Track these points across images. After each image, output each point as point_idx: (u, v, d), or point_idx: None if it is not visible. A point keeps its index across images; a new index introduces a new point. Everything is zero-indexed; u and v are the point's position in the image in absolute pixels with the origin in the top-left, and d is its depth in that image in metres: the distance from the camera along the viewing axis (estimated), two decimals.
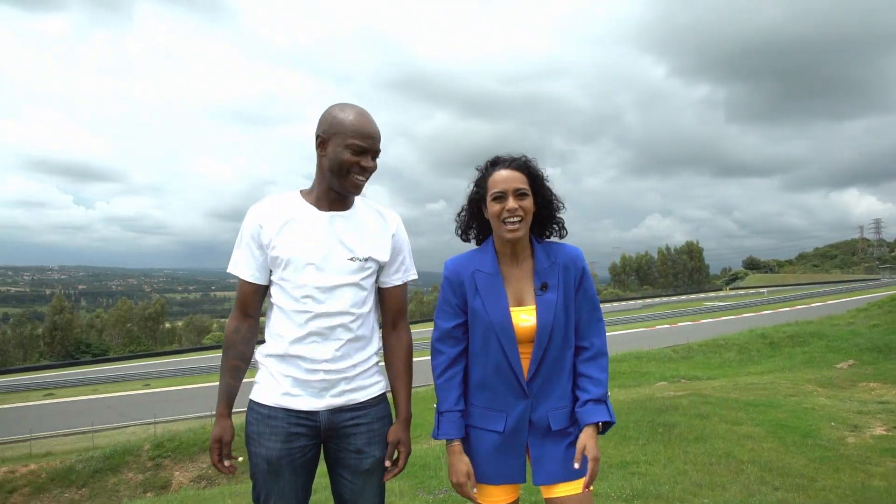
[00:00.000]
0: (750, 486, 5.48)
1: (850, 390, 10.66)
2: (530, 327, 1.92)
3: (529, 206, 1.94)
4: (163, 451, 15.49)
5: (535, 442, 1.95)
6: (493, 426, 1.95)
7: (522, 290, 1.98)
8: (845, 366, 13.49)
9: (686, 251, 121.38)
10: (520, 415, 1.94)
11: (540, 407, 1.94)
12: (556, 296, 1.94)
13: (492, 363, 1.94)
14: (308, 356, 1.87)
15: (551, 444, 1.94)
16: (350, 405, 1.92)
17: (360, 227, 1.96)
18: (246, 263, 1.95)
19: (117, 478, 14.88)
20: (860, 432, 7.58)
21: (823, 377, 11.97)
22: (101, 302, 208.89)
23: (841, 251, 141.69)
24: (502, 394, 1.94)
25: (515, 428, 1.94)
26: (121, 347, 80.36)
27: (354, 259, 1.91)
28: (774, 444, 7.04)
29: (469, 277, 1.99)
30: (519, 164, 1.97)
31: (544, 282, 1.96)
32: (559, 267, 1.98)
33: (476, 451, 1.99)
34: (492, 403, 1.96)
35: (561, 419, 1.95)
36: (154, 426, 21.31)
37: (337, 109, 1.91)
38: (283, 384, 1.89)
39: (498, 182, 1.93)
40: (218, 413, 1.94)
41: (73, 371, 50.41)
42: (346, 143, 1.87)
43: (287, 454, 1.87)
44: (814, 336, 16.76)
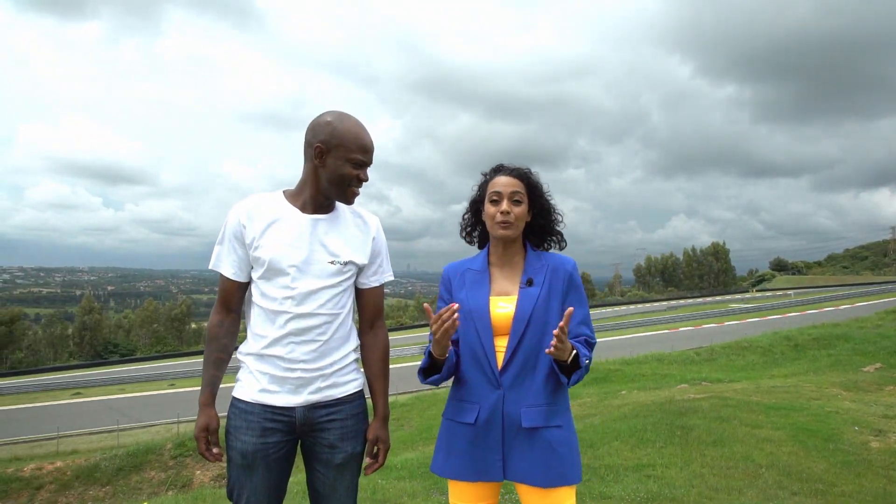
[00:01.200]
0: (767, 490, 5.38)
1: (876, 394, 10.43)
2: (507, 314, 1.96)
3: (523, 212, 2.03)
4: (185, 450, 15.72)
5: (507, 437, 1.94)
6: (466, 418, 1.97)
7: (508, 285, 2.04)
8: (872, 369, 13.19)
9: (712, 252, 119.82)
10: (492, 406, 1.93)
11: (513, 401, 1.93)
12: (540, 290, 1.99)
13: (468, 351, 1.99)
14: (286, 356, 1.91)
15: (522, 442, 1.92)
16: (326, 401, 1.95)
17: (343, 231, 2.00)
18: (228, 261, 1.99)
19: (140, 476, 15.12)
20: (885, 437, 7.40)
21: (849, 380, 11.72)
22: (129, 303, 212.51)
23: (872, 252, 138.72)
24: (476, 384, 1.97)
25: (488, 420, 1.93)
26: (147, 347, 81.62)
27: (335, 262, 1.95)
28: (795, 448, 6.91)
29: (459, 275, 2.10)
30: (519, 172, 2.06)
31: (530, 277, 2.02)
32: (548, 269, 2.04)
33: (450, 444, 2.01)
34: (467, 395, 1.99)
35: (534, 417, 1.92)
36: (177, 425, 21.61)
37: (336, 120, 1.93)
38: (261, 381, 1.93)
39: (496, 185, 2.03)
40: (202, 403, 1.99)
41: (101, 371, 51.29)
42: (347, 157, 1.91)
43: (261, 449, 1.90)
44: (840, 339, 16.41)
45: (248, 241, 1.95)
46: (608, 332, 41.67)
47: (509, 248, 2.08)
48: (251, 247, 1.94)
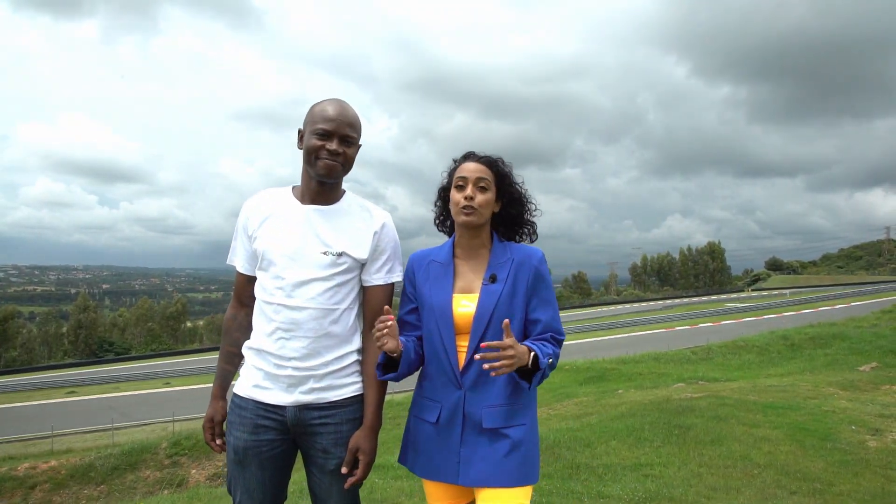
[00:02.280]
0: (765, 490, 5.37)
1: (872, 393, 10.44)
2: (468, 313, 1.91)
3: (488, 199, 1.97)
4: (180, 448, 15.67)
5: (467, 439, 1.88)
6: (428, 416, 1.93)
7: (472, 281, 1.98)
8: (868, 368, 13.22)
9: (708, 252, 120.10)
10: (453, 406, 1.89)
11: (474, 402, 1.88)
12: (503, 287, 1.92)
13: (431, 349, 1.94)
14: (276, 352, 1.87)
15: (483, 443, 1.86)
16: (318, 403, 1.89)
17: (340, 222, 1.95)
18: (239, 255, 2.02)
19: (135, 475, 15.07)
20: (882, 436, 7.41)
21: (845, 380, 11.74)
22: (124, 301, 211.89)
23: (866, 252, 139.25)
24: (439, 383, 1.92)
25: (449, 420, 1.89)
26: (142, 346, 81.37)
27: (328, 253, 1.90)
28: (792, 448, 6.91)
29: (424, 268, 2.03)
30: (488, 160, 2.00)
31: (493, 273, 1.95)
32: (513, 263, 1.97)
33: (415, 441, 1.99)
34: (430, 393, 1.95)
35: (495, 417, 1.87)
36: (173, 424, 21.53)
37: (315, 104, 1.95)
38: (255, 376, 1.90)
39: (462, 171, 1.98)
40: (212, 394, 1.99)
41: (96, 369, 51.13)
42: (313, 130, 1.89)
43: (254, 446, 1.88)
44: (836, 338, 16.46)
45: (250, 233, 1.96)
46: (604, 331, 41.77)
47: (475, 238, 2.01)
48: (252, 239, 1.96)
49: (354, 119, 1.93)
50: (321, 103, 1.93)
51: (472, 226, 1.96)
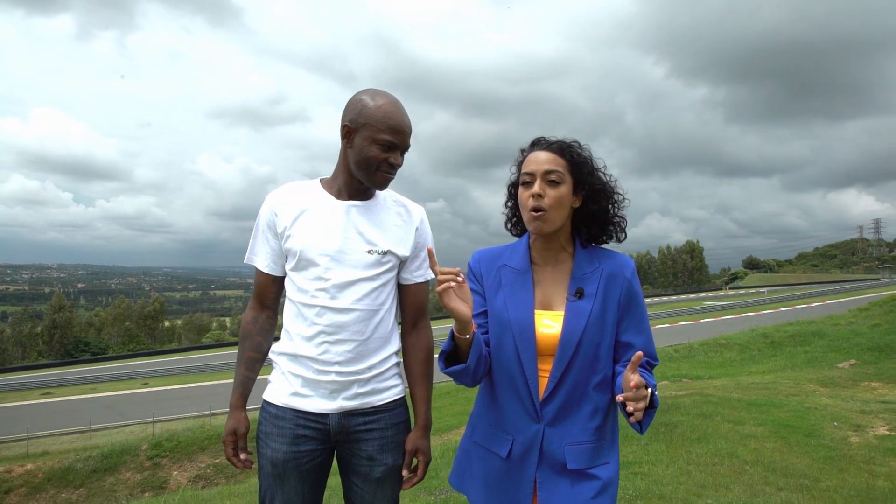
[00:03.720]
0: (753, 486, 5.42)
1: (851, 390, 10.62)
2: (553, 335, 1.63)
3: (561, 195, 1.64)
4: (161, 450, 15.46)
5: (544, 480, 1.62)
6: (498, 450, 1.68)
7: (553, 295, 1.69)
8: (847, 365, 13.44)
9: (687, 251, 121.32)
10: (528, 441, 1.64)
11: (555, 437, 1.62)
12: (592, 306, 1.64)
13: (504, 373, 1.67)
14: (318, 357, 1.75)
15: (566, 485, 1.61)
16: (363, 409, 1.79)
17: (381, 219, 1.84)
18: (262, 253, 1.86)
19: (115, 478, 14.83)
20: (863, 432, 7.53)
21: (825, 377, 11.92)
22: (100, 300, 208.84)
23: (840, 251, 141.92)
24: (512, 413, 1.66)
25: (522, 456, 1.64)
26: (119, 346, 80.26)
27: (373, 252, 1.80)
28: (778, 444, 6.99)
29: (494, 272, 1.75)
30: (560, 146, 1.68)
31: (580, 287, 1.66)
32: (602, 275, 1.68)
33: (477, 473, 1.74)
34: (499, 424, 1.69)
35: (580, 457, 1.61)
36: (153, 426, 21.26)
37: (367, 97, 1.77)
38: (293, 384, 1.78)
39: (529, 164, 1.68)
40: (232, 405, 1.84)
41: (72, 370, 50.33)
42: (374, 138, 1.73)
43: (293, 457, 1.76)
44: (815, 336, 16.70)
45: (280, 230, 1.81)
46: None
47: (553, 241, 1.71)
48: (283, 237, 1.81)
49: (411, 125, 1.81)
50: (383, 104, 1.75)
51: (543, 232, 1.67)
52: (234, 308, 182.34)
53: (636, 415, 1.43)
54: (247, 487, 6.55)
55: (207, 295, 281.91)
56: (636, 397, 1.42)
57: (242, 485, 7.25)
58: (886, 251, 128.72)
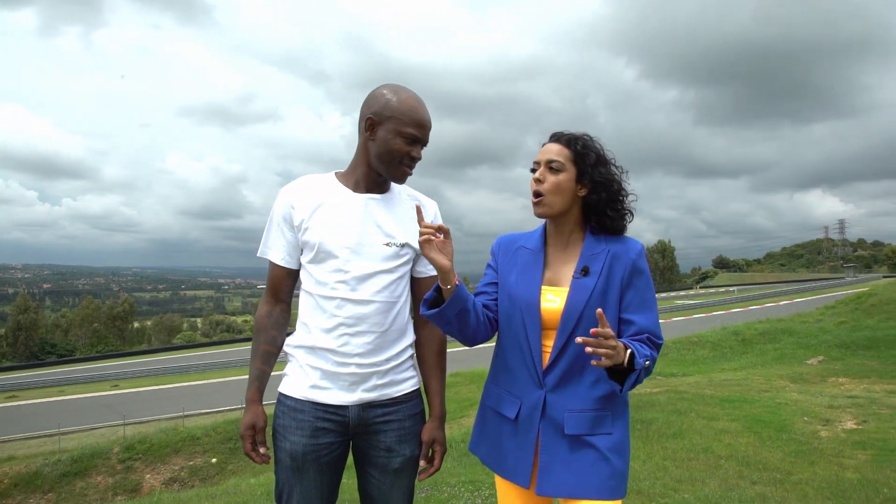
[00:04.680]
0: (728, 480, 5.54)
1: (820, 385, 10.88)
2: (555, 309, 1.73)
3: (559, 182, 1.75)
4: (133, 453, 15.21)
5: (545, 442, 1.72)
6: (506, 411, 1.80)
7: (560, 273, 1.80)
8: (815, 362, 13.76)
9: (659, 250, 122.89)
10: (532, 405, 1.74)
11: (556, 404, 1.72)
12: (596, 282, 1.73)
13: (514, 344, 1.79)
14: (339, 349, 1.77)
15: (563, 450, 1.70)
16: (382, 400, 1.82)
17: (398, 212, 1.87)
18: (277, 246, 1.86)
19: (85, 482, 14.56)
20: (832, 426, 7.73)
21: (795, 373, 12.20)
22: (66, 301, 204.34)
23: (807, 251, 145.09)
24: (520, 379, 1.78)
25: (527, 419, 1.74)
26: (87, 348, 78.66)
27: (391, 244, 1.82)
28: (751, 439, 7.14)
29: (511, 253, 1.87)
30: (568, 138, 1.78)
31: (586, 265, 1.75)
32: (608, 255, 1.76)
33: (490, 432, 1.86)
34: (509, 386, 1.81)
35: (578, 423, 1.70)
36: (124, 428, 20.86)
37: (390, 92, 1.80)
38: (311, 376, 1.79)
39: (538, 155, 1.80)
40: (249, 399, 1.83)
41: (38, 372, 49.16)
42: (399, 131, 1.77)
43: (313, 450, 1.77)
44: (784, 333, 17.07)
45: (297, 223, 1.82)
46: None
47: (563, 225, 1.82)
48: (300, 230, 1.82)
49: (431, 121, 1.86)
50: (407, 99, 1.79)
51: (544, 216, 1.79)
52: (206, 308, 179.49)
53: (602, 360, 1.50)
54: (224, 489, 6.50)
55: (178, 295, 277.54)
56: (597, 343, 1.49)
57: (219, 486, 7.18)
58: (850, 251, 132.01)
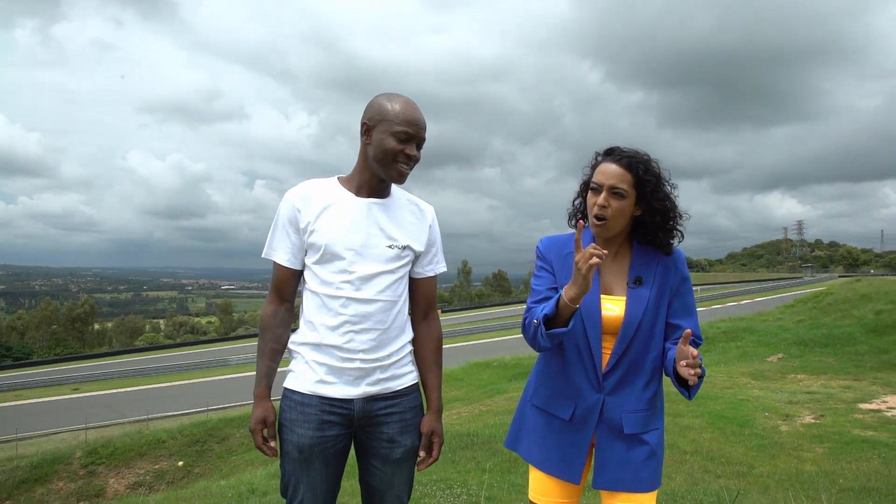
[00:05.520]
0: (694, 474, 5.69)
1: (780, 382, 11.20)
2: (615, 317, 1.84)
3: (622, 208, 1.83)
4: (96, 457, 14.89)
5: (602, 442, 1.85)
6: (561, 413, 1.89)
7: (613, 282, 1.90)
8: (775, 359, 14.14)
9: None
10: (590, 407, 1.85)
11: (614, 405, 1.84)
12: (650, 292, 1.85)
13: (573, 348, 1.87)
14: (344, 346, 1.86)
15: (621, 448, 1.84)
16: (384, 394, 1.91)
17: (399, 216, 1.96)
18: (283, 248, 1.92)
19: (46, 488, 14.20)
20: (791, 421, 7.99)
21: (756, 370, 12.53)
22: (22, 303, 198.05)
23: (767, 251, 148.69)
24: (576, 382, 1.87)
25: (583, 419, 1.86)
26: (45, 350, 76.44)
27: (394, 247, 1.91)
28: (714, 435, 7.34)
29: (562, 258, 1.93)
30: (630, 162, 1.83)
31: (639, 276, 1.87)
32: (659, 265, 1.89)
33: (535, 431, 1.95)
34: (565, 389, 1.90)
35: (635, 423, 1.84)
36: (85, 432, 20.38)
37: (384, 98, 1.90)
38: (317, 372, 1.87)
39: (599, 173, 1.85)
40: (258, 396, 1.90)
41: None
42: (392, 131, 1.85)
43: (319, 442, 1.85)
44: (746, 331, 17.48)
45: (303, 225, 1.89)
46: None
47: (614, 238, 1.91)
48: (306, 232, 1.89)
49: (425, 121, 1.94)
50: (398, 102, 1.89)
51: (603, 237, 1.88)
52: (168, 310, 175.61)
53: (692, 380, 1.65)
54: (193, 492, 6.43)
55: (140, 296, 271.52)
56: (694, 364, 1.64)
57: (188, 489, 7.10)
58: (808, 251, 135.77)
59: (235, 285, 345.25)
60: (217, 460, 15.25)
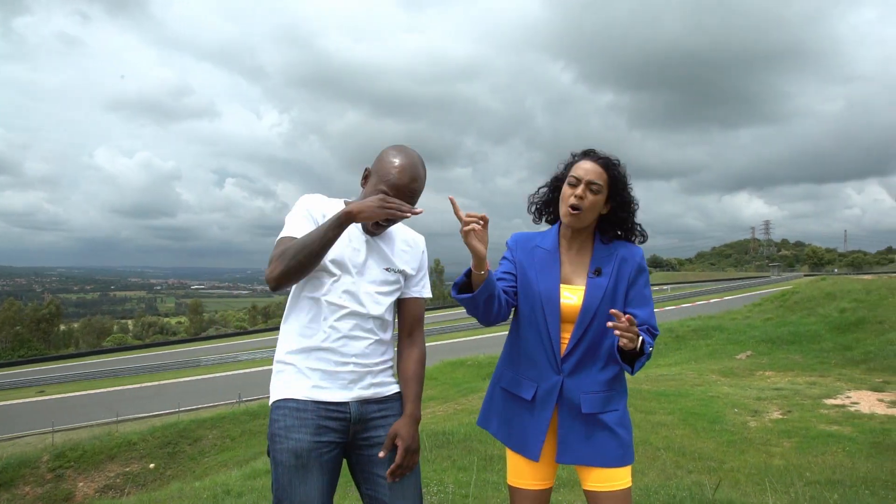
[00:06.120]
0: (666, 470, 5.80)
1: (748, 379, 11.45)
2: (573, 305, 1.99)
3: (597, 202, 2.00)
4: (64, 461, 14.58)
5: (563, 422, 1.99)
6: (523, 393, 2.03)
7: (574, 273, 2.06)
8: (744, 356, 14.45)
9: None
10: (550, 388, 1.99)
11: (573, 387, 1.98)
12: (608, 282, 2.00)
13: (534, 331, 2.02)
14: (339, 349, 1.92)
15: (580, 426, 1.98)
16: (376, 398, 1.98)
17: (394, 246, 2.09)
18: (303, 229, 1.92)
19: (11, 493, 13.85)
20: (760, 417, 8.18)
21: (725, 367, 12.79)
22: None
23: (735, 250, 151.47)
24: (538, 365, 2.01)
25: (544, 399, 1.99)
26: (9, 352, 74.52)
27: (390, 269, 2.04)
28: (686, 431, 7.48)
29: (528, 251, 2.10)
30: (606, 162, 2.03)
31: (598, 267, 2.03)
32: (617, 258, 2.04)
33: (502, 412, 2.09)
34: (527, 371, 2.04)
35: (594, 403, 1.98)
36: (52, 435, 19.94)
37: (391, 152, 2.00)
38: (311, 378, 1.91)
39: (578, 169, 2.01)
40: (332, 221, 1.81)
41: None
42: (378, 188, 1.95)
43: (316, 447, 1.85)
44: (715, 330, 17.83)
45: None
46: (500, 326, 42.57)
47: (579, 233, 2.08)
48: None
49: (421, 184, 2.02)
50: (396, 159, 1.97)
51: (574, 226, 2.04)
52: (137, 310, 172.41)
53: (625, 342, 1.80)
54: (167, 494, 6.35)
55: (107, 296, 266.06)
56: (623, 326, 1.78)
57: (162, 491, 7.00)
58: (775, 251, 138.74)
59: (206, 285, 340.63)
60: (190, 462, 15.05)
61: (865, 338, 14.04)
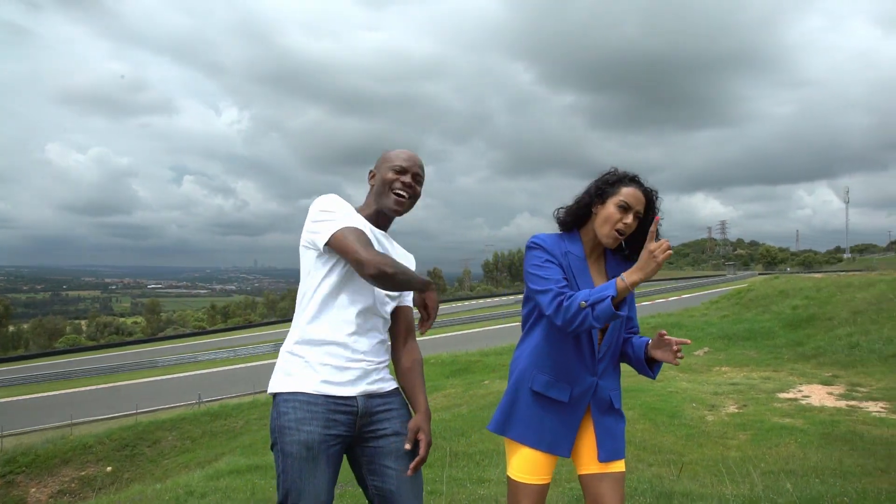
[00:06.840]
0: (627, 463, 5.87)
1: (706, 374, 11.75)
2: None
3: (634, 227, 2.14)
4: (15, 466, 14.13)
5: (597, 419, 2.14)
6: (559, 396, 2.12)
7: (599, 280, 2.21)
8: (701, 353, 14.84)
9: None
10: (584, 390, 2.12)
11: (603, 387, 2.14)
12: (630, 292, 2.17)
13: (573, 337, 2.12)
14: (352, 345, 2.00)
15: (611, 422, 2.16)
16: (380, 392, 2.06)
17: (395, 249, 2.22)
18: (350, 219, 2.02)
19: None
20: (717, 411, 8.41)
21: (684, 363, 13.08)
22: None
23: (692, 250, 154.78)
24: (574, 368, 2.12)
25: (578, 400, 2.12)
26: None
27: None
28: (647, 426, 7.65)
29: (562, 255, 2.18)
30: (650, 196, 2.17)
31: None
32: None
33: (528, 412, 2.15)
34: (562, 374, 2.13)
35: (618, 399, 2.20)
36: (2, 440, 19.30)
37: (387, 151, 2.23)
38: (321, 372, 1.96)
39: (630, 196, 2.13)
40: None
41: None
42: (389, 166, 2.14)
43: (325, 439, 1.91)
44: (674, 327, 18.21)
45: None
46: (461, 325, 42.81)
47: (599, 244, 2.21)
48: None
49: (424, 169, 2.21)
50: (395, 150, 2.20)
51: (611, 247, 2.18)
52: (91, 310, 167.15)
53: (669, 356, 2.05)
54: (127, 496, 6.23)
55: (59, 296, 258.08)
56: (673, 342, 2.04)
57: (122, 493, 6.85)
58: (731, 250, 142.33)
59: (163, 284, 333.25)
60: (149, 464, 14.74)
61: (816, 334, 14.54)
